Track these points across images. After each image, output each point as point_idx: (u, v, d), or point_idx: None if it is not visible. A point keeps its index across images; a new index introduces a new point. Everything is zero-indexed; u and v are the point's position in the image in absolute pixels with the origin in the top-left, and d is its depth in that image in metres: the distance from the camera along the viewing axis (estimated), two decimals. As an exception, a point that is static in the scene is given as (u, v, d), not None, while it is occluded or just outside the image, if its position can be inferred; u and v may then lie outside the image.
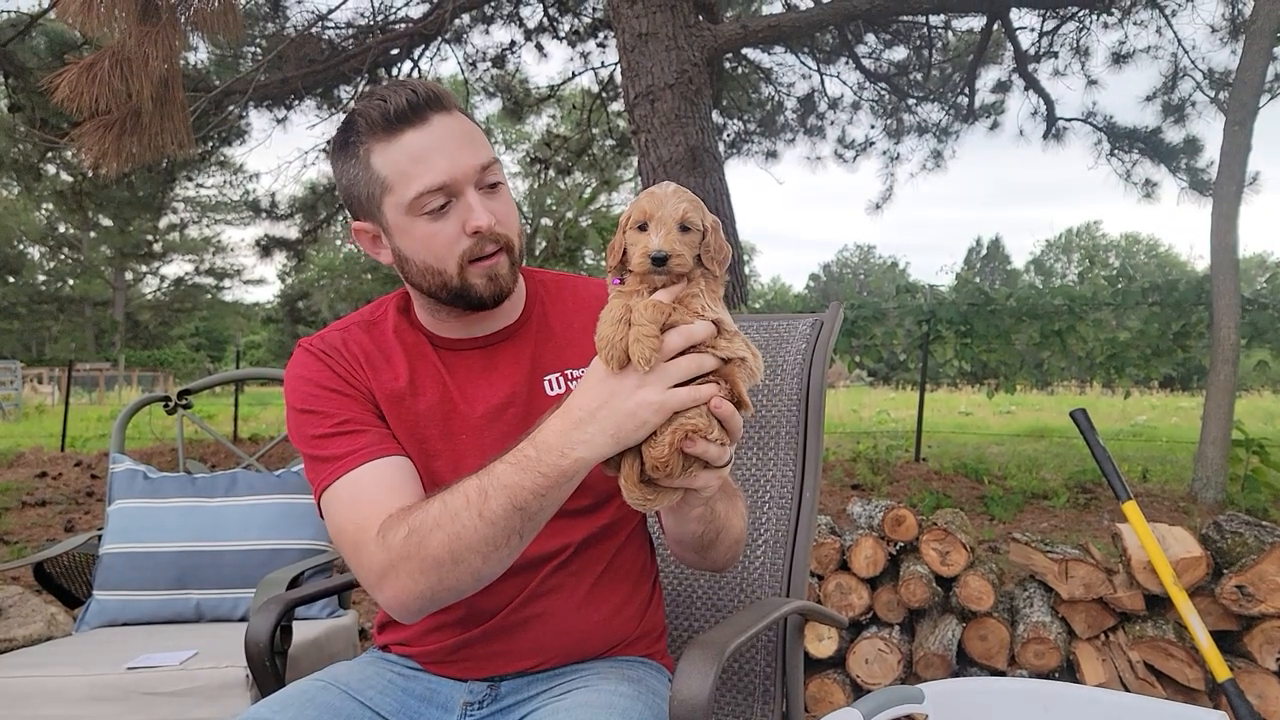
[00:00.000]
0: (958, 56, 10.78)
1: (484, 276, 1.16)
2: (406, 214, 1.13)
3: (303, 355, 1.24)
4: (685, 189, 1.00)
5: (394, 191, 1.12)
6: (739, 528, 1.20)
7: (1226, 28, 8.67)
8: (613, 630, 1.25)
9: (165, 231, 35.92)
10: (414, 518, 1.03)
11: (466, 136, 1.14)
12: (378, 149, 1.12)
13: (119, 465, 2.43)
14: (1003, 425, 12.85)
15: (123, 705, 1.74)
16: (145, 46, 5.15)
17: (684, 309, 0.96)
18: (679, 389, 0.94)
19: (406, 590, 1.03)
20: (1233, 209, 5.08)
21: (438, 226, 1.13)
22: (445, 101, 1.14)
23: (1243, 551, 2.48)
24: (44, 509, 6.07)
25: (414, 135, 1.11)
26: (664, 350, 0.94)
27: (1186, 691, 2.42)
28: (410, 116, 1.11)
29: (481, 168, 1.14)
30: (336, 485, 1.12)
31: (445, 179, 1.11)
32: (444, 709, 1.20)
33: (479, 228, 1.12)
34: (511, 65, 11.31)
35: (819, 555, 2.86)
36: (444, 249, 1.14)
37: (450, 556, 1.00)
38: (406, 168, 1.11)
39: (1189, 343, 6.18)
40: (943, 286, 8.72)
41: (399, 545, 1.02)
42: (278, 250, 11.70)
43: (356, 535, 1.08)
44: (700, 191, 6.75)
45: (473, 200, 1.13)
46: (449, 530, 1.00)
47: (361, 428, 1.17)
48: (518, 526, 1.00)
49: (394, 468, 1.14)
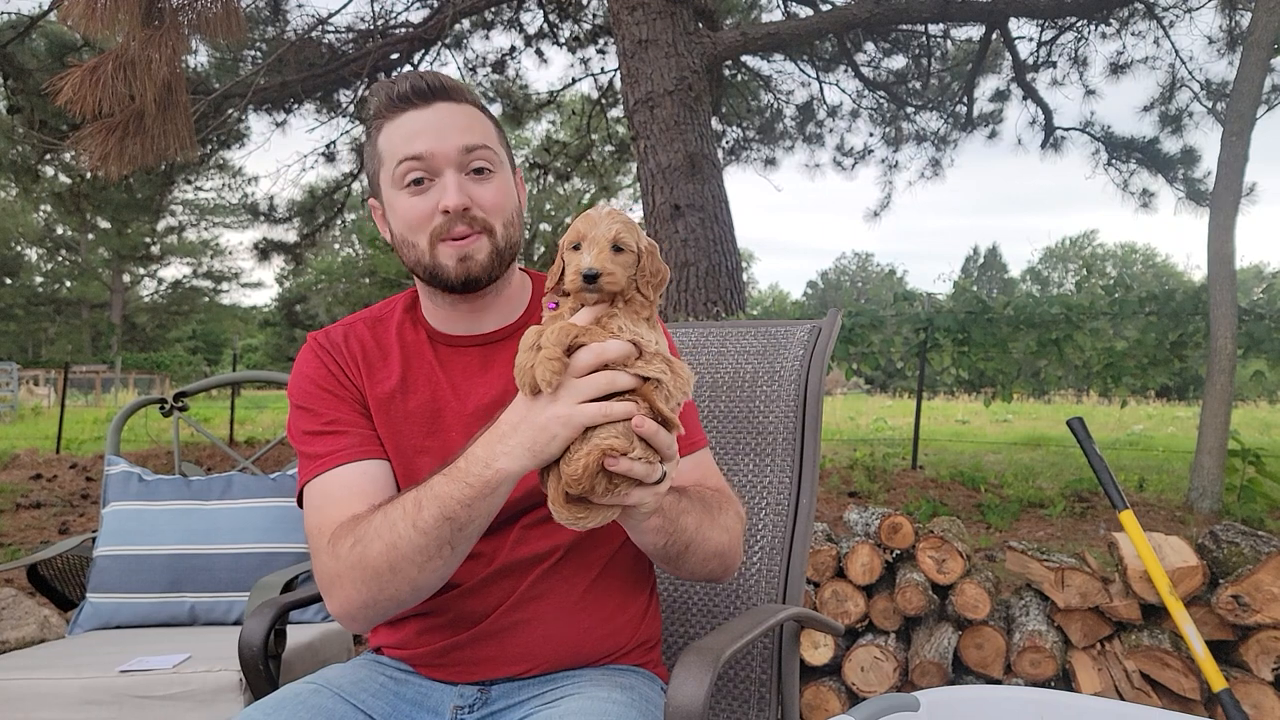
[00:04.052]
0: (956, 65, 10.83)
1: (453, 257, 1.17)
2: (392, 186, 1.19)
3: (307, 351, 1.29)
4: (621, 212, 1.02)
5: (385, 165, 1.19)
6: (719, 541, 1.18)
7: (1224, 39, 8.72)
8: (605, 638, 1.24)
9: (163, 234, 35.93)
10: (360, 528, 1.07)
11: (463, 122, 1.18)
12: (384, 128, 1.19)
13: (114, 467, 2.43)
14: (999, 434, 12.86)
15: (115, 708, 1.73)
16: (148, 50, 5.17)
17: (600, 330, 0.97)
18: (587, 405, 0.95)
19: (350, 599, 1.08)
20: (1230, 219, 5.09)
21: (415, 201, 1.17)
22: (454, 93, 1.19)
23: (1239, 561, 2.48)
24: (38, 511, 6.05)
25: (413, 115, 1.17)
26: (574, 368, 0.96)
27: (1182, 701, 2.42)
28: (413, 100, 1.17)
29: (465, 149, 1.17)
30: (310, 486, 1.18)
31: (423, 151, 1.15)
32: (434, 713, 1.20)
33: (447, 207, 1.16)
34: (511, 71, 11.35)
35: (815, 562, 2.85)
36: (417, 223, 1.18)
37: (388, 566, 1.04)
38: (397, 143, 1.17)
39: (1186, 352, 6.19)
40: (940, 295, 8.73)
41: (345, 554, 1.07)
42: (276, 254, 11.71)
43: (316, 540, 1.13)
44: (699, 198, 6.77)
45: (449, 180, 1.16)
46: (387, 540, 1.04)
47: (344, 429, 1.21)
48: (448, 537, 1.03)
49: (364, 473, 1.18)
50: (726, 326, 1.76)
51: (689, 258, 6.71)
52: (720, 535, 1.19)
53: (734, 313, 6.78)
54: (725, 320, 5.89)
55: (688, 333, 1.77)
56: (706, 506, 1.18)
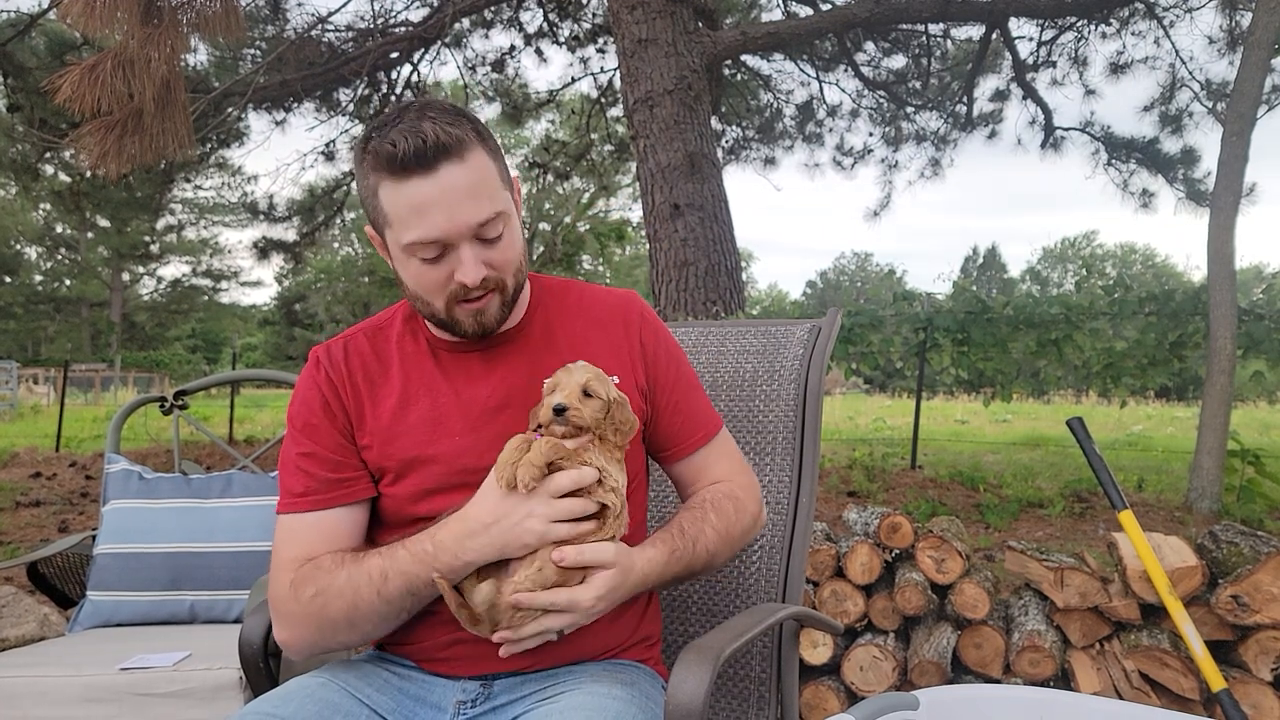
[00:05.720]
0: (956, 65, 10.82)
1: (469, 315, 1.21)
2: (403, 252, 1.17)
3: (308, 368, 1.31)
4: (594, 367, 1.19)
5: (394, 229, 1.15)
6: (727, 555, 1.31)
7: (1224, 39, 8.71)
8: (606, 635, 1.25)
9: (163, 233, 35.90)
10: (323, 579, 1.16)
11: (471, 189, 1.13)
12: (385, 186, 1.13)
13: (114, 466, 2.43)
14: (999, 434, 12.86)
15: (115, 706, 1.73)
16: (147, 48, 5.17)
17: (576, 457, 1.14)
18: (561, 524, 1.10)
19: (300, 638, 1.18)
20: (1230, 220, 5.08)
21: (428, 269, 1.17)
22: (457, 149, 1.12)
23: (1238, 561, 2.49)
24: (38, 509, 6.05)
25: (418, 184, 1.11)
26: (553, 487, 1.10)
27: (1181, 701, 2.42)
28: (416, 166, 1.10)
29: (479, 224, 1.14)
30: (283, 518, 1.25)
31: (439, 235, 1.13)
32: (437, 708, 1.20)
33: (464, 284, 1.16)
34: (511, 70, 11.33)
35: (815, 562, 2.85)
36: (432, 288, 1.19)
37: (347, 621, 1.15)
38: (406, 216, 1.13)
39: (1185, 353, 6.18)
40: (940, 294, 8.72)
41: (305, 601, 1.16)
42: (275, 252, 11.69)
43: (277, 572, 1.21)
44: (699, 197, 6.76)
45: (465, 255, 1.15)
46: (350, 600, 1.14)
47: (324, 470, 1.24)
48: (409, 606, 1.16)
49: (335, 521, 1.23)
50: (726, 326, 1.77)
51: (688, 257, 6.70)
52: (728, 555, 1.31)
53: (733, 312, 6.77)
54: (725, 320, 5.89)
55: (687, 332, 1.77)
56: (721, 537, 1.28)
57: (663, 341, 1.36)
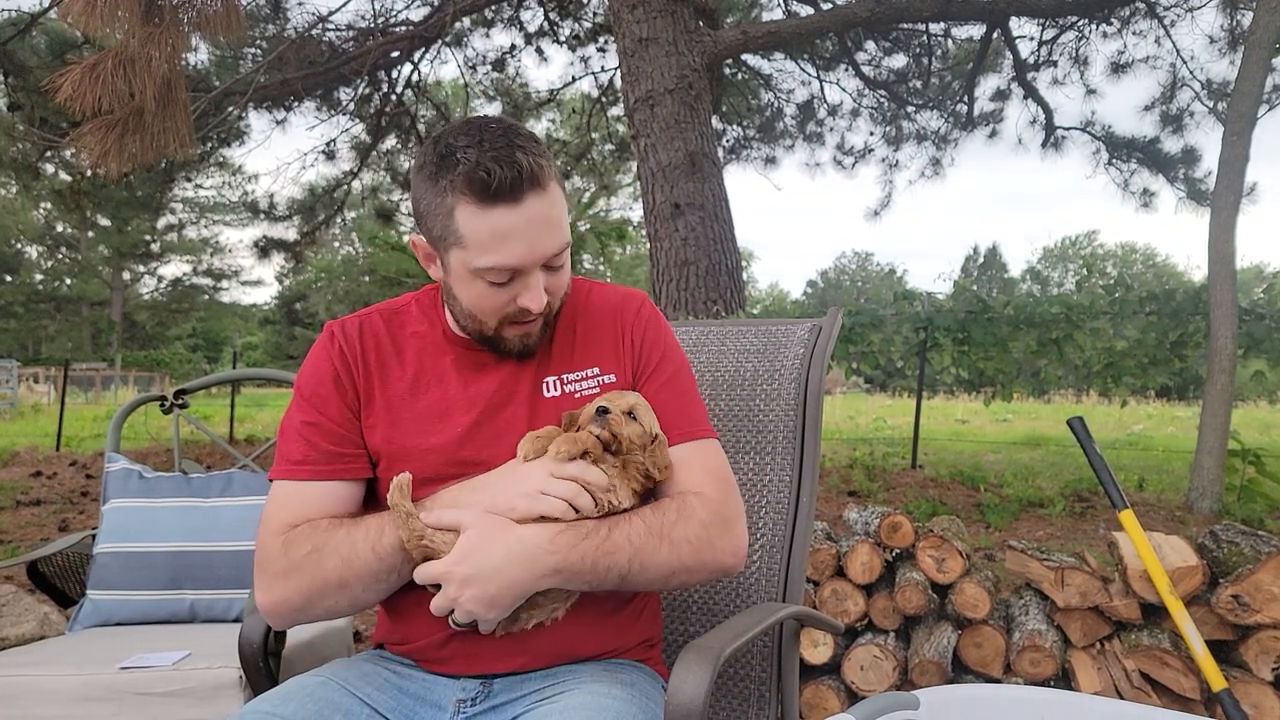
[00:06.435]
0: (957, 64, 10.82)
1: (518, 336, 1.24)
2: (470, 272, 1.16)
3: (322, 339, 1.32)
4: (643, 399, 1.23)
5: (467, 250, 1.14)
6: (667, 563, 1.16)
7: (1225, 38, 8.71)
8: (605, 635, 1.25)
9: (163, 232, 35.93)
10: (320, 537, 1.15)
11: (551, 221, 1.15)
12: (467, 209, 1.12)
13: (114, 465, 2.43)
14: (999, 433, 12.87)
15: (115, 705, 1.73)
16: (148, 47, 5.17)
17: (598, 461, 1.17)
18: (550, 497, 1.12)
19: (287, 601, 1.16)
20: (1230, 219, 5.08)
21: (494, 292, 1.18)
22: (540, 176, 1.12)
23: (1239, 561, 2.48)
24: (38, 508, 6.05)
25: (504, 213, 1.11)
26: (558, 468, 1.14)
27: (1182, 701, 2.42)
28: (507, 195, 1.10)
29: (553, 255, 1.17)
30: (279, 484, 1.23)
31: (516, 264, 1.14)
32: (437, 707, 1.20)
33: (529, 310, 1.19)
34: (511, 69, 11.34)
35: (815, 561, 2.85)
36: (491, 310, 1.20)
37: (338, 580, 1.14)
38: (486, 241, 1.13)
39: (1186, 352, 6.18)
40: (940, 294, 8.72)
41: (299, 558, 1.14)
42: (276, 252, 11.71)
43: (267, 533, 1.19)
44: (699, 197, 6.77)
45: (534, 283, 1.18)
46: (345, 555, 1.14)
47: (328, 442, 1.23)
48: (398, 565, 1.15)
49: (330, 492, 1.22)
50: (726, 325, 1.76)
51: (689, 256, 6.71)
52: (666, 555, 1.16)
53: (734, 312, 6.77)
54: (725, 319, 5.88)
55: (687, 332, 1.77)
56: (651, 531, 1.16)
57: (659, 339, 1.34)
